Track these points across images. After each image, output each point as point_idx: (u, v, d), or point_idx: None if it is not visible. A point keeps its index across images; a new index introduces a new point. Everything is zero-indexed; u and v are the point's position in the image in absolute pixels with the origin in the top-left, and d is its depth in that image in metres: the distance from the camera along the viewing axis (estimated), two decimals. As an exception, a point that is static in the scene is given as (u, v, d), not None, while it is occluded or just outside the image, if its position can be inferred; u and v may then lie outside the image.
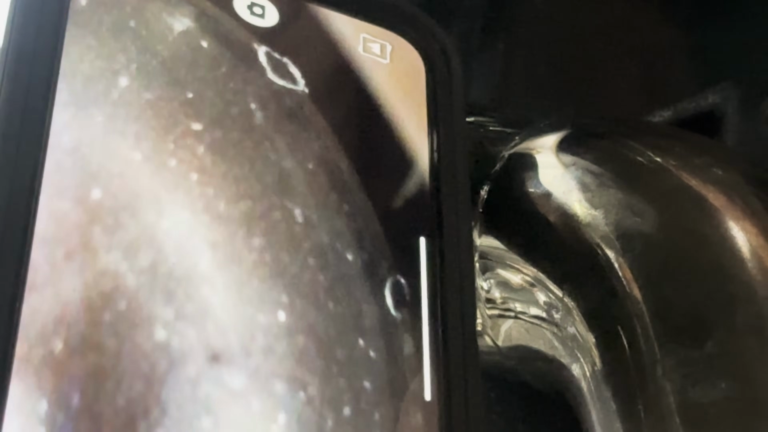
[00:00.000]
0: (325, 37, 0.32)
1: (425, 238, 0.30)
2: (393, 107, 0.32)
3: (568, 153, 0.36)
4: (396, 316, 0.29)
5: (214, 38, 0.31)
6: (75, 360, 0.25)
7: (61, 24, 0.29)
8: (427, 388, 0.28)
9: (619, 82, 0.47)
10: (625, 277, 0.33)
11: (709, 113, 0.44)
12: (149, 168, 0.28)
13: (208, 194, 0.28)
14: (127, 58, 0.29)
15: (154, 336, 0.26)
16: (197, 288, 0.27)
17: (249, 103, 0.30)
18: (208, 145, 0.29)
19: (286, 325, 0.27)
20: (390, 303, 0.29)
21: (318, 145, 0.30)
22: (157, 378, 0.25)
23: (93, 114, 0.28)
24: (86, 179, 0.27)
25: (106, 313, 0.26)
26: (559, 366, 0.35)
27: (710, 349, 0.31)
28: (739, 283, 0.32)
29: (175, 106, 0.29)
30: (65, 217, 0.26)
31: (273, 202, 0.29)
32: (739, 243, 0.33)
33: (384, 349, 0.28)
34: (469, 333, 0.29)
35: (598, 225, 0.34)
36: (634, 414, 0.32)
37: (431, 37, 0.34)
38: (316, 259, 0.29)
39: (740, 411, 0.30)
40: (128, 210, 0.27)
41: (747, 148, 0.43)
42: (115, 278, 0.26)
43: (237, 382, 0.26)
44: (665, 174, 0.35)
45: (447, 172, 0.32)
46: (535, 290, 0.36)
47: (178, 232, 0.27)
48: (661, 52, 0.46)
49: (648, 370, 0.32)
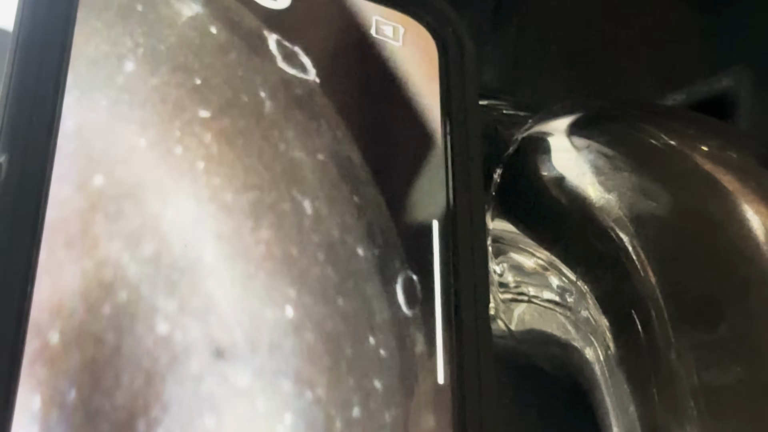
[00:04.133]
0: (337, 19, 0.32)
1: (438, 222, 0.30)
2: (405, 90, 0.32)
3: (581, 136, 0.36)
4: (407, 313, 0.28)
5: (224, 24, 0.30)
6: (71, 353, 0.24)
7: (72, 9, 0.28)
8: (440, 371, 0.28)
9: (632, 64, 0.47)
10: (638, 261, 0.33)
11: (722, 96, 0.44)
12: (154, 155, 0.28)
13: (215, 183, 0.28)
14: (133, 42, 0.29)
15: (156, 329, 0.25)
16: (202, 280, 0.27)
17: (258, 91, 0.30)
18: (215, 133, 0.29)
19: (294, 321, 0.27)
20: (401, 299, 0.29)
21: (328, 132, 0.30)
22: (158, 373, 0.25)
23: (97, 98, 0.27)
24: (89, 165, 0.27)
25: (105, 305, 0.25)
26: (573, 350, 0.35)
27: (724, 332, 0.31)
28: (752, 266, 0.32)
29: (182, 93, 0.29)
30: (65, 203, 0.26)
31: (282, 192, 0.29)
32: (753, 226, 0.32)
33: (395, 347, 0.28)
34: (482, 317, 0.29)
35: (612, 208, 0.34)
36: (648, 397, 0.32)
37: (444, 20, 0.33)
38: (325, 253, 0.28)
39: (754, 394, 0.30)
40: (131, 198, 0.27)
41: (760, 131, 0.43)
42: (116, 268, 0.26)
43: (242, 379, 0.26)
44: (679, 157, 0.35)
45: (460, 155, 0.32)
46: (548, 274, 0.36)
47: (182, 221, 0.27)
48: (674, 35, 0.47)
49: (662, 354, 0.31)
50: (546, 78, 0.47)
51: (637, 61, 0.47)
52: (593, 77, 0.46)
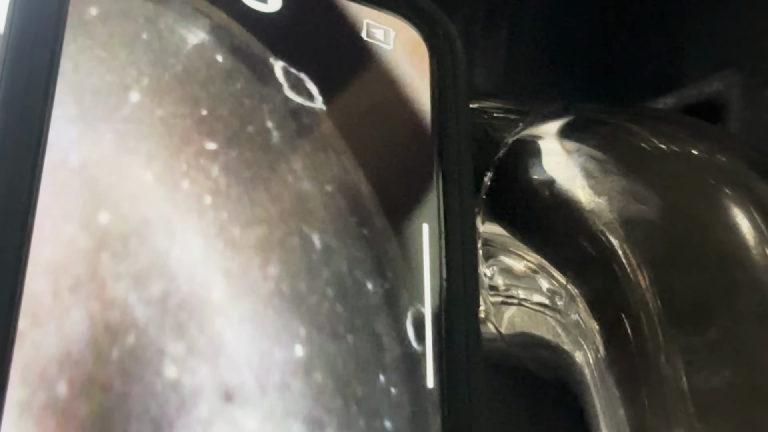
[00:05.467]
0: (328, 22, 0.32)
1: (428, 225, 0.30)
2: (396, 94, 0.32)
3: (571, 139, 0.36)
4: (417, 349, 0.28)
5: (230, 51, 0.30)
6: (80, 404, 0.24)
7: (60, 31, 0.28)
8: (430, 375, 0.28)
9: (623, 68, 0.47)
10: (628, 264, 0.33)
11: (712, 100, 0.45)
12: (161, 190, 0.27)
13: (223, 218, 0.28)
14: (138, 72, 0.28)
15: (164, 373, 0.25)
16: (210, 321, 0.26)
17: (266, 121, 0.29)
18: (222, 166, 0.28)
19: (304, 361, 0.27)
20: (411, 334, 0.28)
21: (336, 160, 0.30)
22: (166, 420, 0.25)
23: (102, 131, 0.27)
24: (94, 201, 0.26)
25: (113, 350, 0.25)
26: (562, 353, 0.35)
27: (714, 335, 0.31)
28: (742, 270, 0.32)
29: (188, 124, 0.28)
30: (71, 243, 0.25)
31: (290, 227, 0.28)
32: (743, 229, 0.32)
33: (406, 385, 0.28)
34: (472, 320, 0.29)
35: (602, 211, 0.34)
36: (638, 401, 0.32)
37: (435, 23, 0.33)
38: (335, 289, 0.28)
39: (743, 398, 0.30)
40: (138, 235, 0.26)
41: (750, 134, 0.43)
42: (123, 310, 0.25)
43: (251, 422, 0.26)
44: (669, 160, 0.35)
45: (450, 158, 0.31)
46: (538, 277, 0.36)
47: (190, 259, 0.27)
48: (665, 39, 0.47)
49: (651, 357, 0.32)
50: (537, 81, 0.48)
51: (628, 65, 0.47)
52: (584, 81, 0.47)
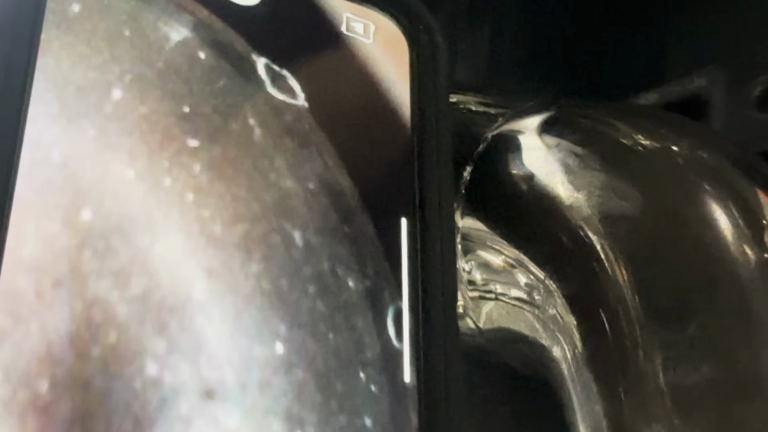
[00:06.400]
0: (307, 15, 0.32)
1: (406, 220, 0.30)
2: (376, 88, 0.32)
3: (551, 134, 0.37)
4: (397, 346, 0.28)
5: (212, 48, 0.30)
6: (61, 402, 0.24)
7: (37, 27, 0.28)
8: (407, 370, 0.28)
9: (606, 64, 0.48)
10: (607, 260, 0.33)
11: (695, 97, 0.45)
12: (143, 187, 0.27)
13: (204, 216, 0.28)
14: (121, 68, 0.28)
15: (145, 371, 0.25)
16: (191, 318, 0.26)
17: (248, 119, 0.30)
18: (204, 163, 0.28)
19: (284, 358, 0.27)
20: (392, 331, 0.29)
21: (317, 157, 0.30)
22: (147, 418, 0.25)
23: (85, 128, 0.27)
24: (76, 199, 0.26)
25: (94, 347, 0.25)
26: (540, 348, 0.36)
27: (693, 331, 0.31)
28: (722, 267, 0.32)
29: (170, 121, 0.28)
30: (53, 240, 0.25)
31: (272, 224, 0.28)
32: (723, 226, 0.33)
33: (386, 382, 0.28)
34: (450, 315, 0.29)
35: (581, 207, 0.34)
36: (615, 397, 0.32)
37: (415, 17, 0.34)
38: (316, 286, 0.28)
39: (723, 394, 0.30)
40: (120, 233, 0.26)
41: (733, 131, 0.43)
42: (105, 308, 0.25)
43: (232, 420, 0.26)
44: (650, 156, 0.35)
45: (429, 153, 0.32)
46: (516, 272, 0.36)
47: (172, 257, 0.27)
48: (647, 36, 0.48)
49: (630, 353, 0.32)
50: (520, 77, 0.48)
51: (610, 61, 0.47)
52: (567, 77, 0.47)
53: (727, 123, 0.43)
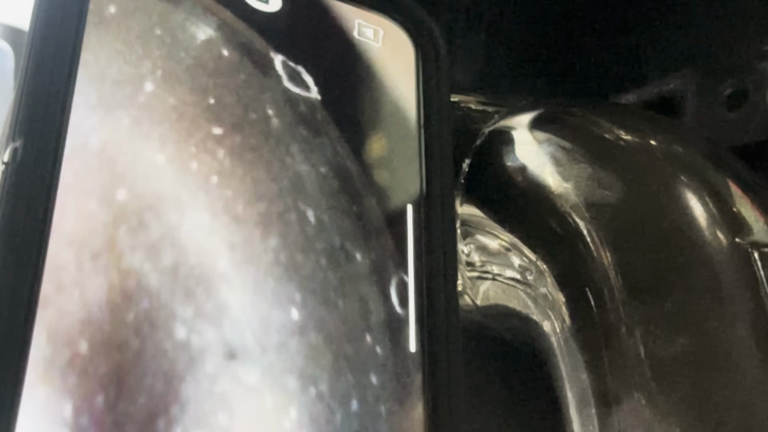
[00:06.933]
0: (323, 21, 0.32)
1: (411, 206, 0.30)
2: (384, 86, 0.32)
3: (542, 130, 0.36)
4: (400, 312, 0.28)
5: (235, 46, 0.30)
6: (99, 361, 0.24)
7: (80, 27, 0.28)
8: (412, 337, 0.28)
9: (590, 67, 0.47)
10: (593, 243, 0.33)
11: (670, 98, 0.45)
12: (172, 170, 0.27)
13: (227, 196, 0.28)
14: (153, 64, 0.29)
15: (174, 334, 0.25)
16: (216, 287, 0.27)
17: (266, 109, 0.30)
18: (227, 149, 0.28)
19: (299, 323, 0.27)
20: (395, 299, 0.29)
21: (329, 144, 0.30)
22: (176, 376, 0.25)
23: (120, 117, 0.27)
24: (112, 180, 0.26)
25: (129, 313, 0.25)
26: (532, 323, 0.35)
27: (670, 307, 0.31)
28: (696, 249, 0.32)
29: (197, 111, 0.29)
30: (92, 217, 0.26)
31: (288, 203, 0.29)
32: (697, 212, 0.33)
33: (390, 344, 0.28)
34: (451, 292, 0.29)
35: (569, 196, 0.34)
36: (600, 366, 0.32)
37: (420, 23, 0.33)
38: (327, 259, 0.28)
39: (696, 363, 0.31)
40: (152, 211, 0.27)
41: (704, 128, 0.43)
42: (138, 278, 0.26)
43: (252, 378, 0.26)
44: (630, 150, 0.35)
45: (433, 147, 0.32)
46: (510, 254, 0.36)
47: (198, 232, 0.27)
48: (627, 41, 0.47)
49: (613, 327, 0.32)
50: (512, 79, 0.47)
51: (593, 65, 0.47)
52: (554, 79, 0.47)
53: (699, 121, 0.43)
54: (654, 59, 0.46)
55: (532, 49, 0.48)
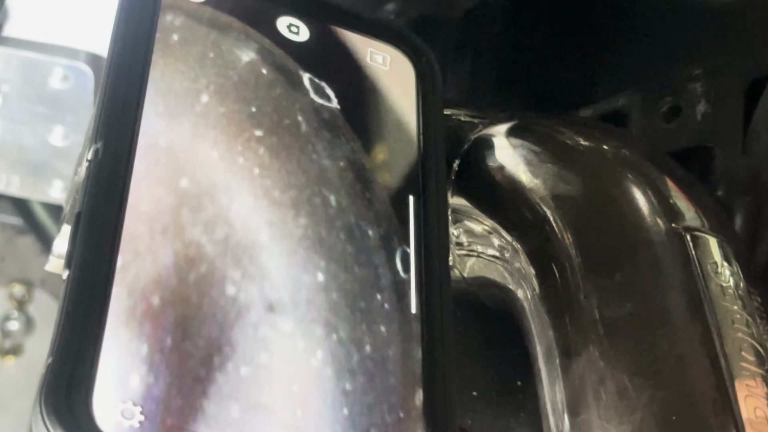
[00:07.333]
0: (342, 48, 0.33)
1: (413, 197, 0.31)
2: (390, 101, 0.33)
3: (516, 137, 0.37)
4: (403, 276, 0.29)
5: (271, 67, 0.31)
6: (167, 312, 0.25)
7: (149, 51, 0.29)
8: (413, 303, 0.29)
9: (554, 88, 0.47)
10: (557, 227, 0.34)
11: (619, 111, 0.45)
12: (223, 164, 0.28)
13: (267, 184, 0.29)
14: (207, 80, 0.30)
15: (226, 291, 0.26)
16: (258, 255, 0.27)
17: (297, 116, 0.30)
18: (266, 147, 0.29)
19: (323, 284, 0.28)
20: (399, 266, 0.29)
21: (347, 144, 0.31)
22: (227, 324, 0.26)
23: (182, 122, 0.28)
24: (177, 171, 0.27)
25: (191, 274, 0.26)
26: (508, 291, 0.36)
27: (619, 279, 0.32)
28: (639, 232, 0.33)
29: (242, 118, 0.30)
30: (160, 200, 0.27)
31: (314, 190, 0.29)
32: (640, 203, 0.33)
33: (395, 302, 0.28)
34: (444, 265, 0.30)
35: (539, 189, 0.34)
36: (563, 326, 0.32)
37: (419, 51, 0.34)
38: (345, 234, 0.29)
39: (640, 323, 0.31)
40: (208, 195, 0.27)
41: (646, 137, 0.43)
42: (197, 247, 0.26)
43: (287, 326, 0.27)
44: (587, 153, 0.36)
45: (430, 151, 0.32)
46: (492, 236, 0.36)
47: (244, 212, 0.28)
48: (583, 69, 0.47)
49: (573, 294, 0.32)
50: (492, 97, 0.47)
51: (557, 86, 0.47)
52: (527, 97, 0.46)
53: (642, 131, 0.43)
54: (606, 81, 0.46)
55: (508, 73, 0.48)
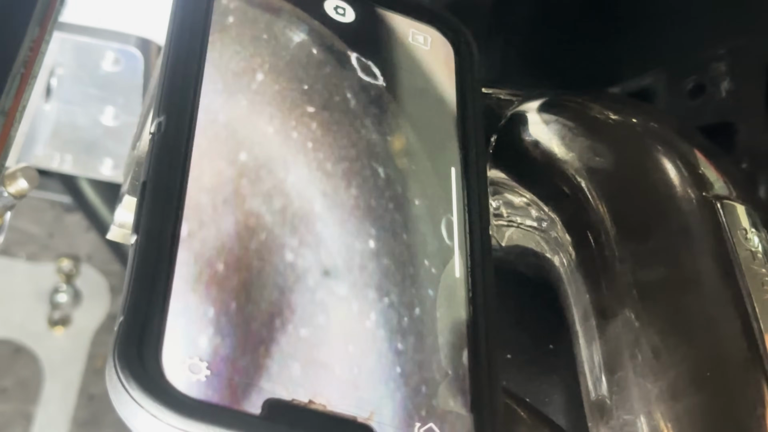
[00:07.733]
0: (387, 30, 0.34)
1: (455, 170, 0.32)
2: (432, 79, 0.34)
3: (550, 113, 0.37)
4: (448, 243, 0.30)
5: (321, 47, 0.32)
6: (232, 277, 0.26)
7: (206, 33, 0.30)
8: (458, 268, 0.30)
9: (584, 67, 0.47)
10: (591, 197, 0.34)
11: (645, 91, 0.45)
12: (279, 138, 0.29)
13: (319, 157, 0.29)
14: (262, 59, 0.30)
15: (285, 258, 0.27)
16: (314, 224, 0.28)
17: (346, 93, 0.31)
18: (318, 123, 0.30)
19: (375, 250, 0.29)
20: (444, 233, 0.30)
21: (393, 120, 0.31)
22: (287, 288, 0.27)
23: (239, 99, 0.29)
24: (236, 146, 0.28)
25: (252, 242, 0.27)
26: (545, 259, 0.36)
27: (652, 245, 0.33)
28: (670, 200, 0.33)
29: (296, 95, 0.30)
30: (222, 172, 0.27)
31: (364, 163, 0.30)
32: (671, 173, 0.34)
33: (441, 266, 0.29)
34: (486, 233, 0.31)
35: (573, 162, 0.35)
36: (599, 290, 0.33)
37: (458, 32, 0.35)
38: (394, 204, 0.30)
39: (672, 287, 0.32)
40: (265, 168, 0.28)
41: (672, 113, 0.43)
42: (257, 217, 0.27)
43: (342, 290, 0.28)
44: (618, 126, 0.36)
45: (469, 126, 0.33)
46: (530, 208, 0.37)
47: (300, 183, 0.29)
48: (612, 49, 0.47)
49: (608, 260, 0.33)
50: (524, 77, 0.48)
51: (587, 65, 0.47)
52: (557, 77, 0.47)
53: (668, 108, 0.44)
54: (632, 61, 0.46)
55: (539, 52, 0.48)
